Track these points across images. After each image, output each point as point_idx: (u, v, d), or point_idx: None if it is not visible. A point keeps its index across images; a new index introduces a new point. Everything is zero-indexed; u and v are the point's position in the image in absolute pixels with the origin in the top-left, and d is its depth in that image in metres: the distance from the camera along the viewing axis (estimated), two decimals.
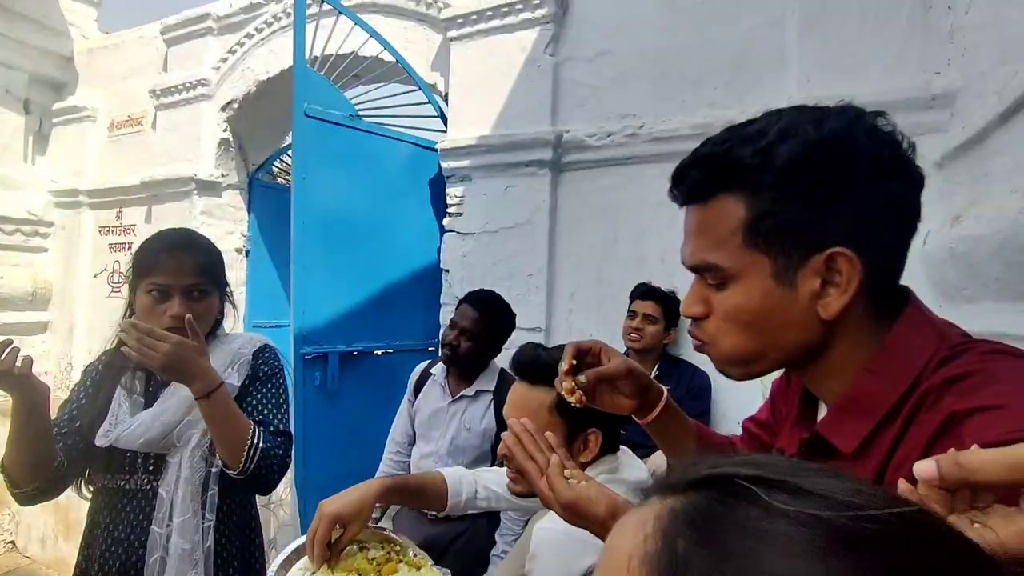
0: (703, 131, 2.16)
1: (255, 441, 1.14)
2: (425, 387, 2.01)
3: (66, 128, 4.36)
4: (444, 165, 2.64)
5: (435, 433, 1.92)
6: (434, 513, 1.81)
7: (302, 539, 1.05)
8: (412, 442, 2.04)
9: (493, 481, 1.23)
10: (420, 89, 2.81)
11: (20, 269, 4.19)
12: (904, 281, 0.60)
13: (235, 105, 3.67)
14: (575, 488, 0.73)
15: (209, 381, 1.09)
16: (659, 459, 1.59)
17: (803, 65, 1.99)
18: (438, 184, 2.73)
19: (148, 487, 1.16)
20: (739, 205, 0.56)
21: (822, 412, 0.66)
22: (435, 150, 2.67)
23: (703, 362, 2.13)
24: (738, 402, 2.11)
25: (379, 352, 2.59)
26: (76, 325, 4.18)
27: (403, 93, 2.84)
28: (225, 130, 3.74)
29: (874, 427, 0.53)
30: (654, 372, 2.04)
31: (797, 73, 2.01)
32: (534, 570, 0.93)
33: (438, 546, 1.77)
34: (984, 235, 1.25)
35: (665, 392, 0.86)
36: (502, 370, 1.99)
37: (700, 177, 0.59)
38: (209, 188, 3.73)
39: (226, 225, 3.81)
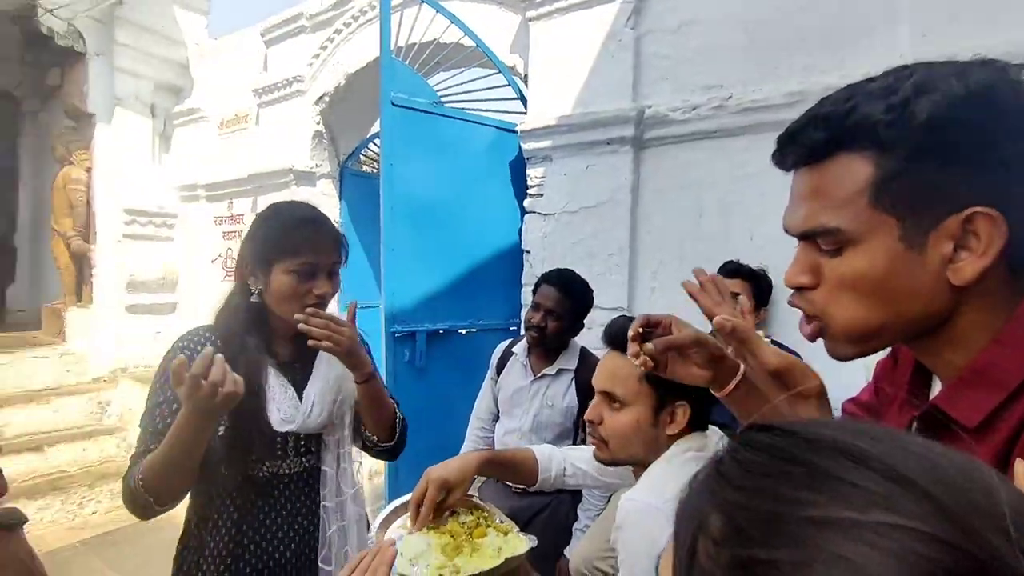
0: (798, 99, 2.05)
1: (400, 415, 1.25)
2: (507, 366, 2.07)
3: (184, 129, 4.85)
4: (524, 147, 2.67)
5: (518, 410, 1.98)
6: (520, 486, 1.88)
7: (397, 502, 1.15)
8: (495, 419, 2.11)
9: (581, 459, 1.26)
10: (500, 72, 2.84)
11: (151, 257, 4.75)
12: None
13: (326, 98, 3.90)
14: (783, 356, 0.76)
15: (368, 364, 1.15)
16: None
17: (918, 18, 1.80)
18: (519, 166, 2.77)
19: (305, 468, 1.16)
20: (866, 164, 0.51)
21: (935, 389, 0.63)
22: (515, 132, 2.70)
23: (797, 343, 2.03)
24: (836, 384, 2.00)
25: (463, 331, 2.70)
26: (199, 306, 4.69)
27: (484, 77, 2.89)
28: (318, 123, 3.99)
29: (1002, 401, 0.49)
30: None
31: (910, 28, 1.82)
32: (619, 540, 0.95)
33: (521, 518, 1.84)
34: None
35: (741, 366, 0.84)
36: (583, 349, 2.01)
37: (821, 136, 0.54)
38: (305, 178, 4.01)
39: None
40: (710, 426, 1.07)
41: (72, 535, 3.36)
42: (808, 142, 0.55)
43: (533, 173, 2.69)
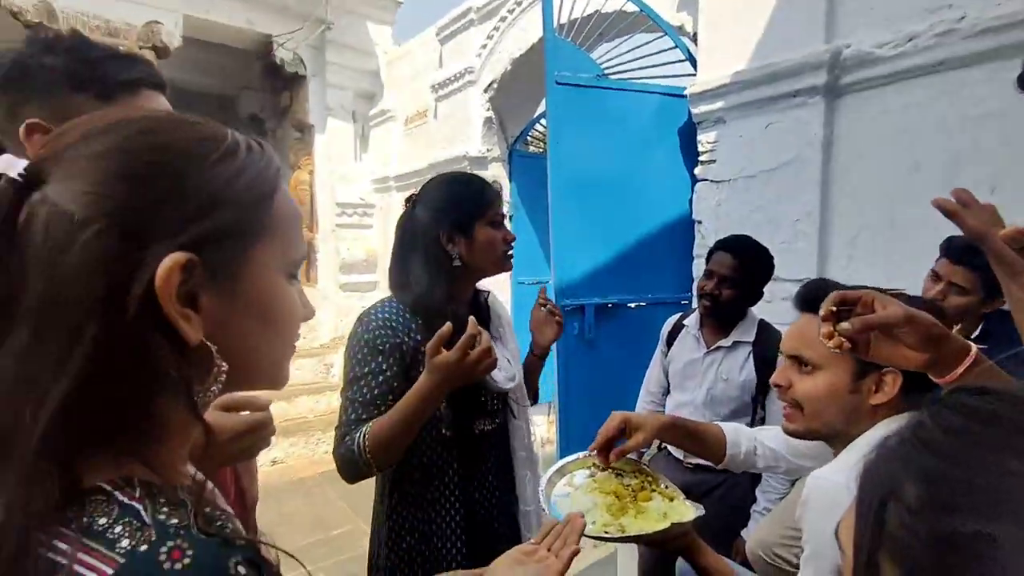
0: None
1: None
2: (678, 338, 2.01)
3: (378, 129, 5.53)
4: (694, 111, 2.51)
5: (690, 384, 1.92)
6: (692, 461, 1.83)
7: (562, 462, 1.22)
8: (666, 392, 2.07)
9: (772, 439, 1.19)
10: (666, 34, 2.70)
11: (356, 242, 5.57)
12: None
13: (494, 85, 4.11)
14: None
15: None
16: None
17: None
18: (688, 132, 2.62)
19: (498, 424, 1.26)
20: None
21: None
22: (684, 96, 2.55)
23: None
24: None
25: (632, 305, 2.68)
26: None
27: (649, 42, 2.77)
28: (488, 109, 4.23)
29: None
30: (977, 331, 1.63)
31: None
32: (804, 518, 0.89)
33: (695, 493, 1.79)
34: None
35: (973, 348, 0.73)
36: (762, 321, 1.86)
37: None
38: (478, 163, 4.30)
39: None
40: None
41: (313, 468, 4.18)
42: None
43: (704, 138, 2.52)
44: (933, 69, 1.90)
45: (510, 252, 1.21)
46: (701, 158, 2.54)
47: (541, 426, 4.42)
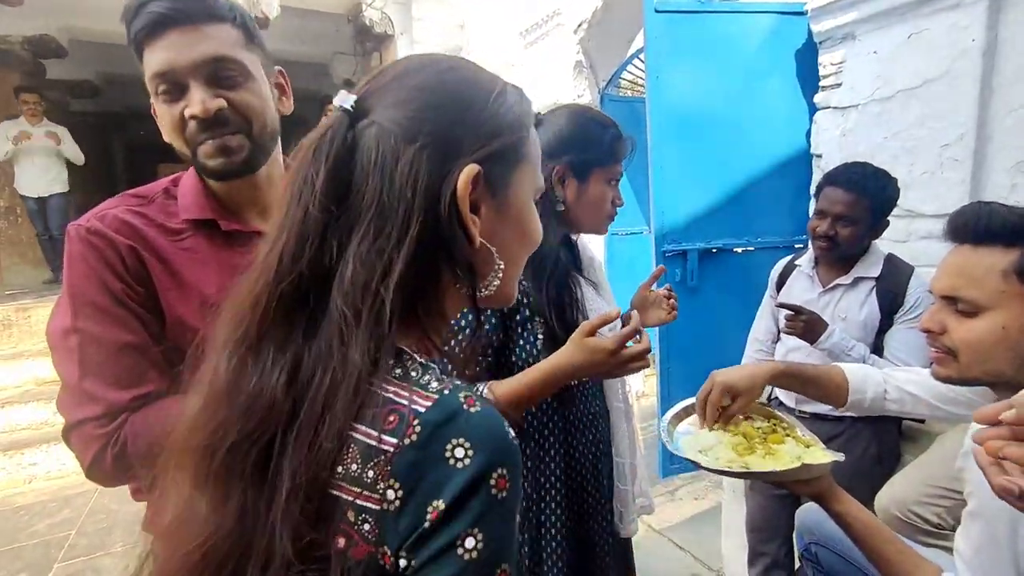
0: None
1: None
2: (789, 279, 1.86)
3: None
4: (816, 29, 2.23)
5: None
6: (805, 409, 1.71)
7: (686, 402, 1.17)
8: (776, 340, 1.94)
9: (909, 381, 1.07)
10: None
11: None
12: None
13: (584, 25, 3.91)
14: None
15: None
16: None
17: None
18: (807, 55, 2.34)
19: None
20: None
21: None
22: (803, 13, 2.27)
23: None
24: None
25: (739, 250, 2.51)
26: None
27: None
28: (578, 52, 4.05)
29: None
30: None
31: None
32: (968, 467, 0.80)
33: None
34: None
35: None
36: (890, 255, 1.67)
37: None
38: None
39: None
40: None
41: None
42: None
43: (828, 59, 2.24)
44: None
45: (614, 215, 1.15)
46: (823, 83, 2.27)
47: (636, 378, 4.36)
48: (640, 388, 4.22)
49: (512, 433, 0.44)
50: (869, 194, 1.59)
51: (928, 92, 1.95)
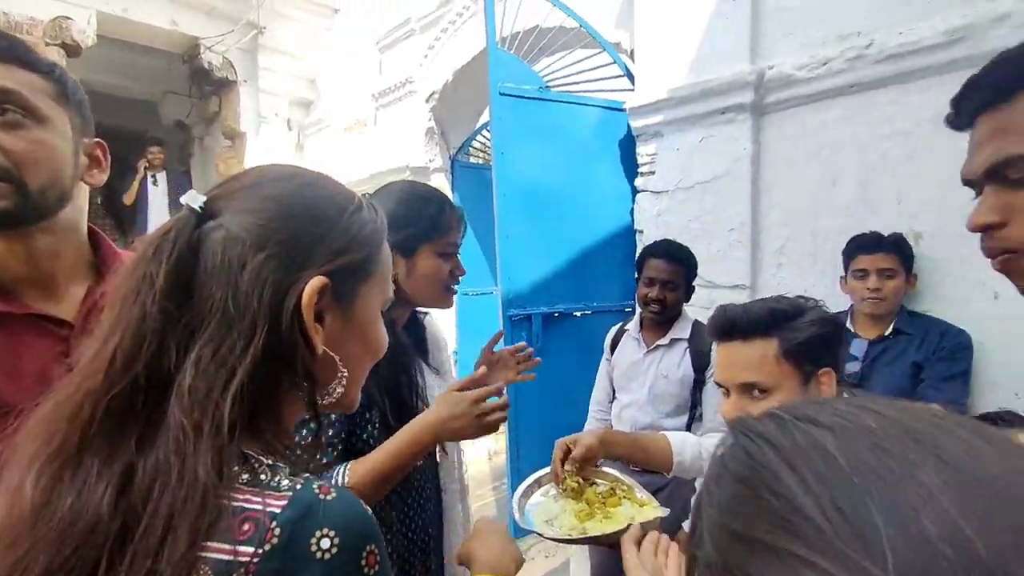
0: (962, 35, 1.78)
1: None
2: (620, 343, 2.07)
3: (315, 137, 5.36)
4: (633, 124, 2.61)
5: (634, 384, 1.98)
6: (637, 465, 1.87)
7: (537, 474, 1.22)
8: (612, 399, 2.12)
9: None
10: (605, 50, 2.79)
11: None
12: None
13: (436, 95, 4.10)
14: None
15: None
16: None
17: None
18: (628, 144, 2.71)
19: (428, 457, 1.13)
20: None
21: None
22: (623, 110, 2.64)
23: (965, 319, 1.78)
24: (1014, 365, 1.74)
25: (578, 313, 2.72)
26: None
27: (589, 57, 2.85)
28: (429, 119, 4.20)
29: None
30: (889, 329, 1.78)
31: None
32: None
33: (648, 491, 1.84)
34: None
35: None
36: (696, 320, 1.95)
37: (1005, 77, 0.58)
38: (420, 173, 4.26)
39: None
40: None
41: None
42: (991, 82, 0.59)
43: (644, 150, 2.62)
44: (846, 91, 2.07)
45: (455, 287, 1.13)
46: (641, 170, 2.64)
47: (488, 437, 4.39)
48: (492, 447, 4.25)
49: (369, 511, 0.45)
50: (684, 263, 1.87)
51: (717, 186, 2.37)
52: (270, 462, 0.46)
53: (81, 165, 0.80)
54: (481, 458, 4.09)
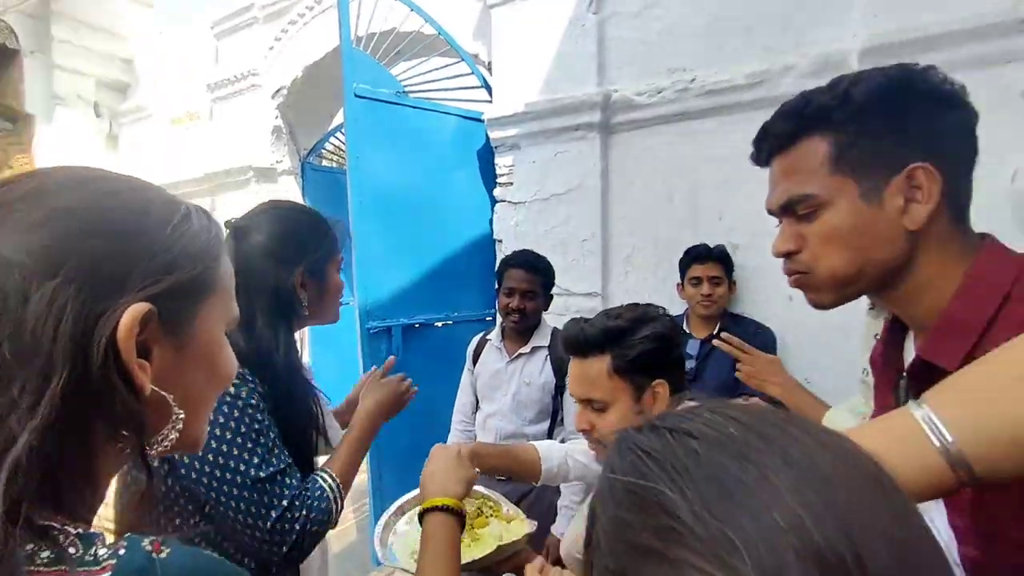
0: (760, 79, 2.09)
1: None
2: (483, 353, 2.08)
3: (133, 127, 4.62)
4: (491, 135, 2.65)
5: (497, 393, 1.99)
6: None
7: (401, 500, 1.15)
8: (476, 410, 2.11)
9: (577, 451, 1.26)
10: (463, 60, 2.80)
11: None
12: (990, 220, 0.66)
13: (284, 91, 3.78)
14: None
15: None
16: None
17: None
18: (487, 155, 2.75)
19: None
20: (824, 142, 0.64)
21: (908, 350, 0.68)
22: (482, 121, 2.67)
23: (769, 319, 2.09)
24: (806, 356, 2.08)
25: (439, 323, 2.67)
26: None
27: (447, 66, 2.84)
28: (276, 117, 3.87)
29: (974, 343, 0.57)
30: (716, 329, 2.02)
31: (862, 9, 1.88)
32: None
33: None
34: None
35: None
36: (555, 328, 2.03)
37: (787, 126, 0.67)
38: (265, 175, 3.90)
39: None
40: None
41: None
42: (777, 132, 0.68)
43: (502, 162, 2.67)
44: (676, 118, 2.32)
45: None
46: (499, 180, 2.69)
47: None
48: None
49: (216, 556, 0.41)
50: (542, 273, 1.92)
51: (570, 198, 2.50)
52: (80, 531, 0.37)
53: None
54: None
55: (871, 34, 1.83)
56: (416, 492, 1.16)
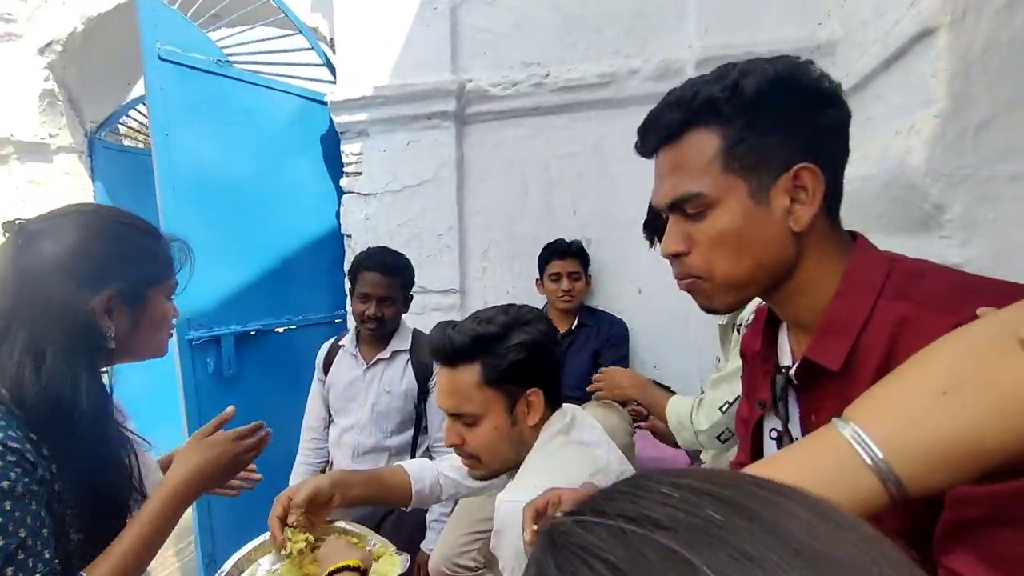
0: (610, 79, 2.17)
1: None
2: (335, 361, 1.87)
3: None
4: (336, 120, 2.39)
5: (354, 405, 1.80)
6: None
7: (247, 548, 0.98)
8: (328, 426, 1.90)
9: (451, 467, 1.16)
10: (300, 32, 2.49)
11: None
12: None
13: (57, 47, 3.02)
14: None
15: None
16: (597, 410, 1.62)
17: (701, 16, 2.03)
18: (332, 141, 2.48)
19: None
20: (713, 136, 0.61)
21: (783, 350, 0.70)
22: (324, 103, 2.40)
23: (621, 311, 2.20)
24: (652, 347, 2.23)
25: (281, 329, 2.36)
26: None
27: (279, 37, 2.50)
28: (47, 79, 3.08)
29: (852, 343, 0.58)
30: (574, 323, 2.07)
31: (696, 23, 2.05)
32: (499, 545, 0.89)
33: (371, 523, 1.68)
34: (871, 175, 1.37)
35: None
36: (415, 329, 1.90)
37: (675, 117, 0.63)
38: (34, 152, 3.09)
39: (61, 195, 3.18)
40: (565, 404, 1.06)
41: None
42: (665, 123, 0.64)
43: (349, 149, 2.44)
44: (531, 112, 2.32)
45: (173, 330, 0.97)
46: (346, 169, 2.45)
47: None
48: None
49: None
50: (401, 275, 1.76)
51: (425, 190, 2.37)
52: None
53: None
54: None
55: (703, 46, 2.00)
56: (262, 538, 0.98)
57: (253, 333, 2.22)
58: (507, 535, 0.86)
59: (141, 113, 3.52)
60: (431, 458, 1.45)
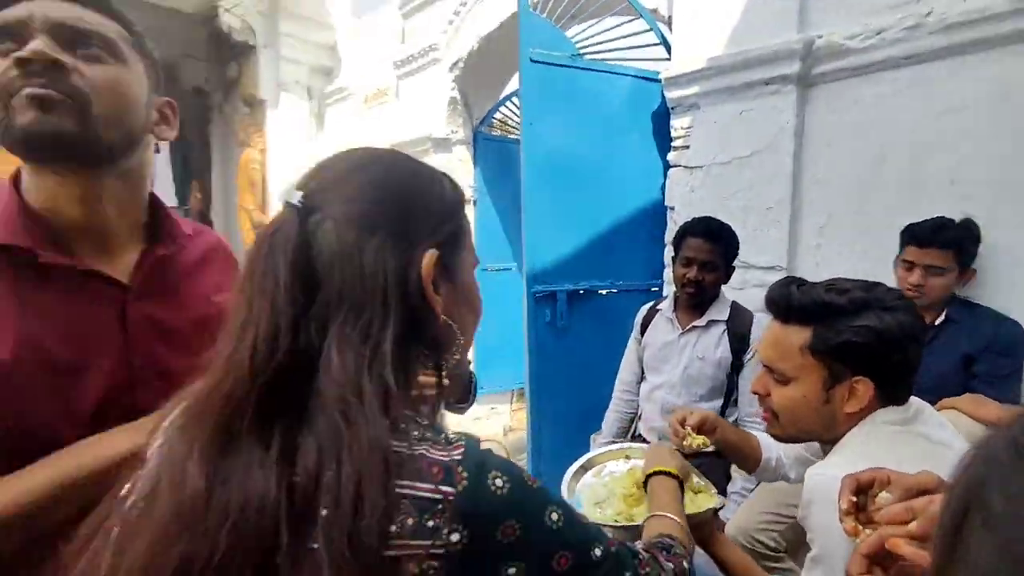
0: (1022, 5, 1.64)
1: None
2: (652, 323, 2.01)
3: (334, 107, 5.28)
4: (668, 95, 2.50)
5: (666, 366, 1.92)
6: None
7: (591, 454, 1.20)
8: (640, 381, 2.07)
9: (788, 453, 1.19)
10: (641, 16, 2.66)
11: None
12: None
13: (460, 64, 3.98)
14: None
15: None
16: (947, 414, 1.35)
17: None
18: (662, 117, 2.61)
19: None
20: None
21: None
22: (658, 81, 2.53)
23: (1010, 309, 1.70)
24: None
25: (604, 291, 2.66)
26: None
27: (622, 24, 2.73)
28: (453, 89, 4.10)
29: None
30: (940, 317, 1.69)
31: None
32: (809, 515, 0.89)
33: None
34: None
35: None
36: (734, 301, 1.88)
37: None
38: (442, 145, 4.18)
39: (457, 179, 4.24)
40: (912, 398, 0.93)
41: None
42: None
43: (678, 123, 2.52)
44: (900, 63, 1.95)
45: None
46: (675, 143, 2.54)
47: (504, 414, 4.39)
48: (508, 423, 4.26)
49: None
50: (724, 243, 1.79)
51: (755, 161, 2.27)
52: (424, 423, 0.50)
53: (151, 117, 0.78)
54: (496, 433, 4.10)
55: None
56: (601, 450, 1.19)
57: (582, 292, 2.58)
58: (818, 506, 0.86)
59: (508, 108, 4.34)
60: None
